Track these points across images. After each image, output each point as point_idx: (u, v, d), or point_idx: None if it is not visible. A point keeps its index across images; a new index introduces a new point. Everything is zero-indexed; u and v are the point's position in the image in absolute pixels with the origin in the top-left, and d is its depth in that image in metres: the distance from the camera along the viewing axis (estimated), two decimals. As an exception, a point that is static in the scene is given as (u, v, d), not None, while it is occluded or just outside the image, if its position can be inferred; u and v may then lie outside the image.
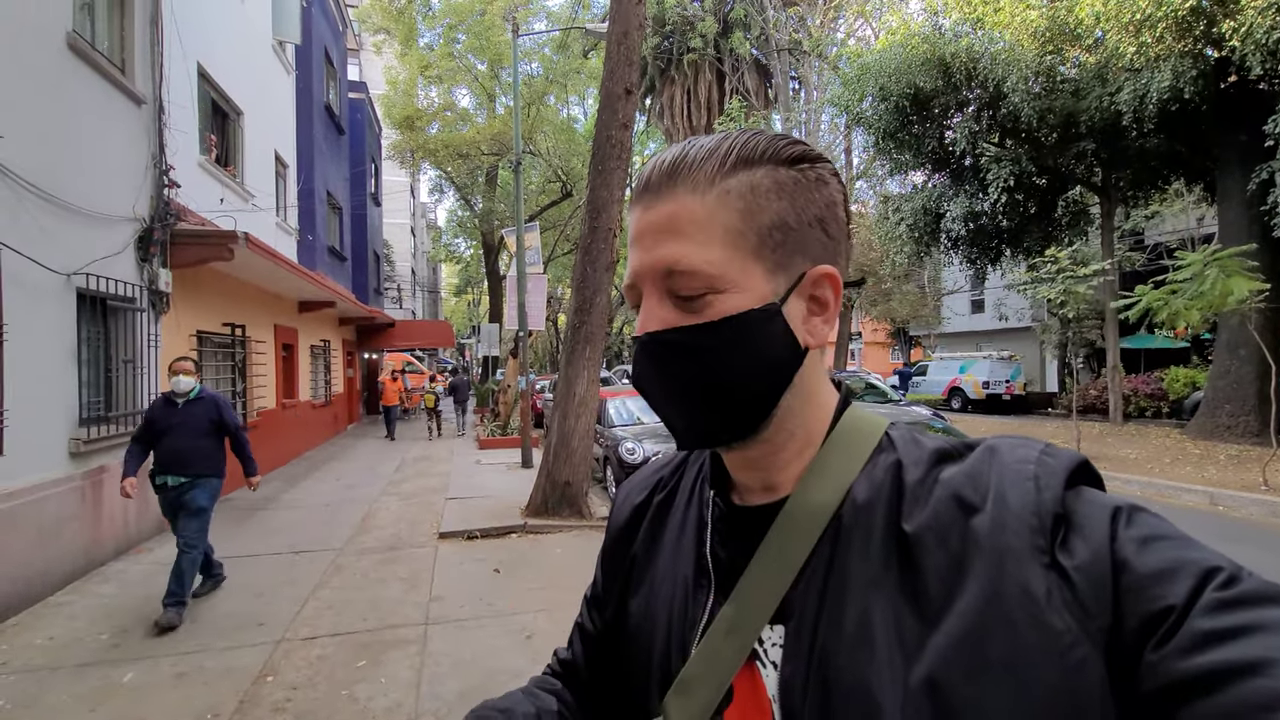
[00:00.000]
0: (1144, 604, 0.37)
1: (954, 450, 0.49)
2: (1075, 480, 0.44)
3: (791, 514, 0.50)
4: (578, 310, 6.50)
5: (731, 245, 0.48)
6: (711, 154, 0.49)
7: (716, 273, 0.48)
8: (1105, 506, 0.42)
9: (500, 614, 4.14)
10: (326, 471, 9.77)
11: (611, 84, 6.36)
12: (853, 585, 0.46)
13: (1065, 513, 0.42)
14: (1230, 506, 6.73)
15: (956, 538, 0.43)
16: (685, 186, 0.49)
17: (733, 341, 0.48)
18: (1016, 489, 0.43)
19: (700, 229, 0.48)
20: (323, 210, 13.48)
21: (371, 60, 25.28)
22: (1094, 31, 9.94)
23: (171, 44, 6.51)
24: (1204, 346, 17.23)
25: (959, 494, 0.45)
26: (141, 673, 3.39)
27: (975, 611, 0.40)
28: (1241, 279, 7.61)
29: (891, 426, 0.54)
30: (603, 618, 0.67)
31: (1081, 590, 0.39)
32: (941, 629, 0.41)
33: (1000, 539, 0.41)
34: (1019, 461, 0.45)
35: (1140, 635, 0.37)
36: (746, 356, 0.48)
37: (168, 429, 4.08)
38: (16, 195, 4.31)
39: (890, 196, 16.30)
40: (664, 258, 0.49)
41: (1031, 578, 0.39)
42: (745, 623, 0.50)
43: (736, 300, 0.48)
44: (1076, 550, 0.40)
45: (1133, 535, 0.40)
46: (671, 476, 0.66)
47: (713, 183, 0.48)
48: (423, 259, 38.86)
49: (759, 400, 0.50)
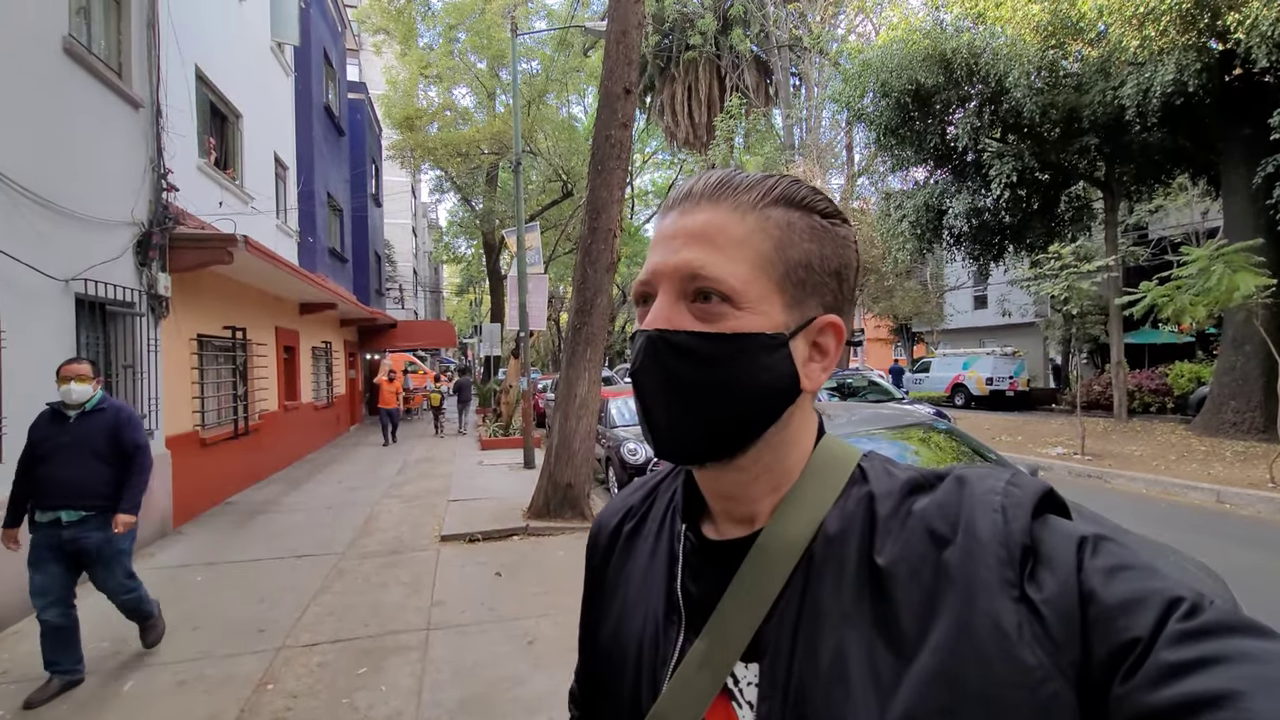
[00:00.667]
0: (1111, 636, 0.38)
1: (925, 481, 0.49)
2: (1041, 509, 0.44)
3: (764, 547, 0.50)
4: (578, 311, 6.47)
5: (759, 269, 0.49)
6: (758, 184, 0.51)
7: (739, 289, 0.49)
8: (1071, 536, 0.42)
9: (502, 619, 4.12)
10: (328, 474, 9.77)
11: (611, 83, 6.32)
12: (826, 620, 0.46)
13: (1033, 544, 0.42)
14: (1237, 504, 6.68)
15: (929, 571, 0.43)
16: (729, 204, 0.50)
17: (738, 358, 0.48)
18: (985, 520, 0.43)
19: (734, 245, 0.49)
20: (323, 212, 13.47)
21: (371, 60, 25.25)
22: (1097, 25, 9.85)
23: (169, 47, 6.48)
24: (1209, 341, 17.17)
25: (930, 526, 0.45)
26: (141, 681, 3.38)
27: (948, 647, 0.40)
28: (1248, 274, 7.55)
29: (864, 457, 0.54)
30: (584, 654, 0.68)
31: (1051, 624, 0.39)
32: (916, 664, 0.41)
33: (970, 571, 0.42)
34: (986, 492, 0.45)
35: (1108, 668, 0.37)
36: (747, 376, 0.49)
37: (54, 450, 3.21)
38: (13, 201, 4.29)
39: (892, 193, 16.23)
40: (690, 261, 0.49)
41: (1003, 612, 0.40)
42: (718, 657, 0.50)
43: (750, 321, 0.49)
44: (1045, 583, 0.40)
45: (1098, 565, 0.40)
46: (642, 504, 0.65)
47: (755, 207, 0.50)
48: (424, 259, 38.88)
49: (747, 424, 0.50)
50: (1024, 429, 13.09)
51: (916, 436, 4.16)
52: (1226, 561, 4.87)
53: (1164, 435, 11.00)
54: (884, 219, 15.50)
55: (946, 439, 4.23)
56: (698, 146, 23.53)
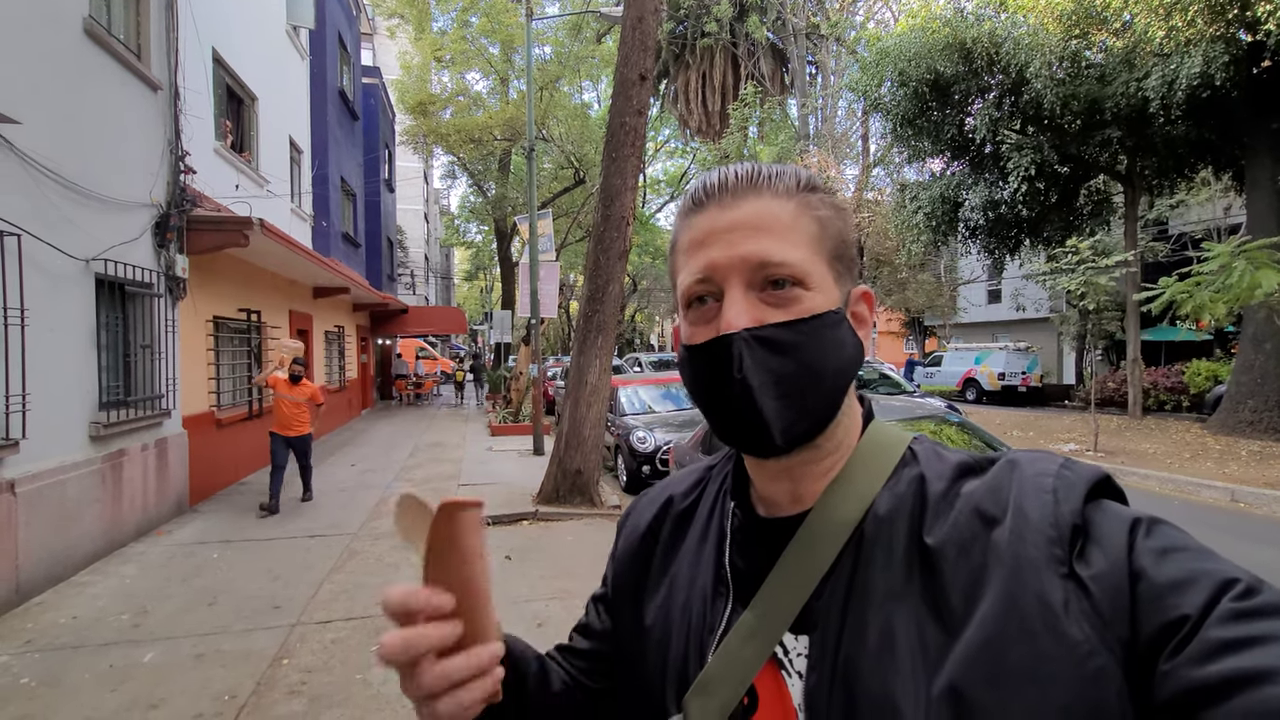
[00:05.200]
0: (1160, 613, 0.38)
1: (976, 464, 0.50)
2: (1096, 494, 0.45)
3: (813, 526, 0.52)
4: (590, 299, 6.48)
5: (812, 249, 0.51)
6: (784, 172, 0.53)
7: (808, 270, 0.50)
8: (1124, 518, 0.42)
9: (512, 601, 4.17)
10: (341, 456, 9.88)
11: (626, 70, 6.28)
12: (875, 597, 0.47)
13: (1084, 524, 0.42)
14: (1252, 504, 6.61)
15: (978, 550, 0.44)
16: (770, 192, 0.52)
17: (822, 338, 0.50)
18: (1035, 501, 0.44)
19: (790, 230, 0.51)
20: (337, 196, 13.52)
21: (385, 45, 25.21)
22: (1122, 15, 9.64)
23: (186, 29, 6.51)
24: (1227, 339, 16.91)
25: (980, 507, 0.46)
26: (161, 653, 3.46)
27: (995, 621, 0.41)
28: (1271, 271, 7.43)
29: (915, 440, 0.55)
30: (611, 618, 0.69)
31: (1098, 600, 0.39)
32: (963, 638, 0.42)
33: (1019, 549, 0.42)
34: (1039, 475, 0.46)
35: (1155, 644, 0.37)
36: (833, 353, 0.51)
37: None
38: (36, 181, 4.34)
39: (907, 184, 16.01)
40: (756, 251, 0.50)
41: (1049, 587, 0.40)
42: (766, 629, 0.51)
43: (820, 299, 0.51)
44: (1094, 560, 0.41)
45: (1151, 546, 0.40)
46: (693, 489, 0.67)
47: (794, 192, 0.52)
48: (435, 245, 38.95)
49: (837, 400, 0.52)
50: (1036, 424, 12.99)
51: (928, 429, 4.15)
52: (1240, 560, 4.82)
53: (1179, 433, 10.89)
54: (899, 210, 15.34)
55: (958, 432, 4.21)
56: (711, 135, 23.35)
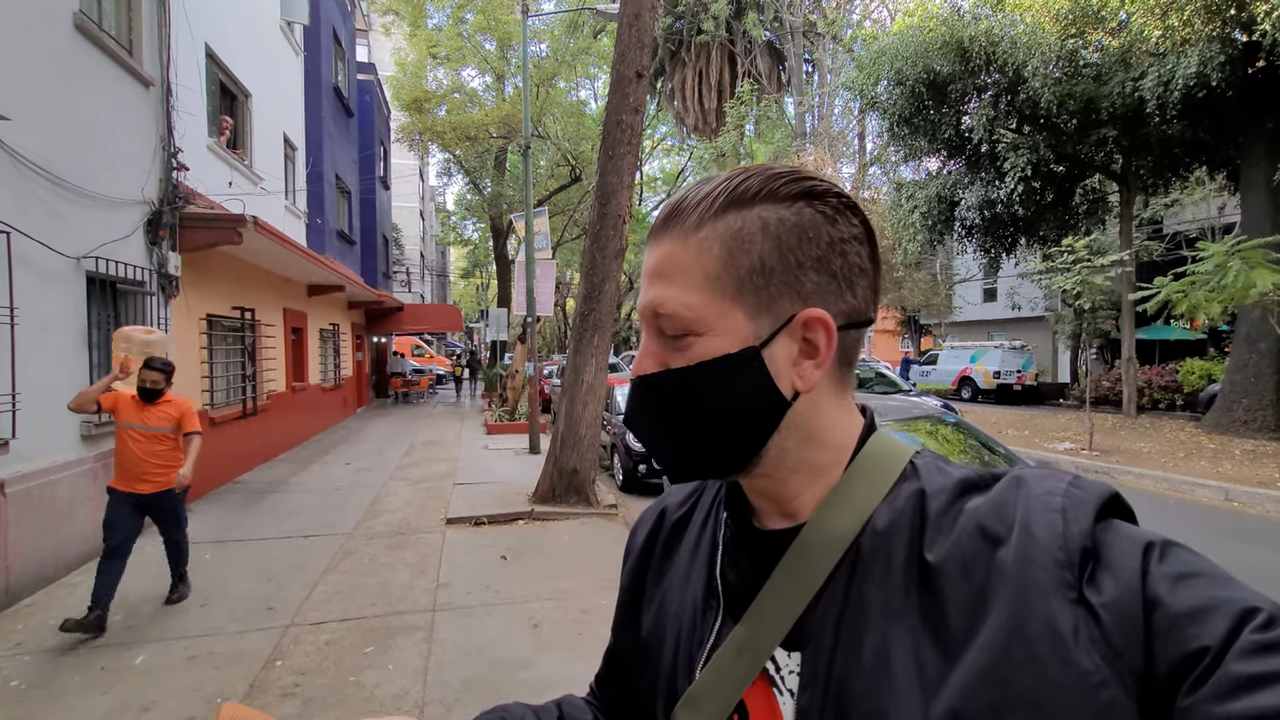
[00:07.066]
0: (1177, 645, 0.36)
1: (980, 480, 0.48)
2: (1105, 513, 0.43)
3: (807, 540, 0.50)
4: (586, 297, 6.45)
5: (710, 289, 0.49)
6: (705, 198, 0.50)
7: (694, 316, 0.49)
8: (1137, 541, 0.40)
9: (507, 601, 4.15)
10: (336, 455, 9.84)
11: (623, 67, 6.25)
12: (871, 614, 0.46)
13: (1094, 546, 0.40)
14: (1245, 503, 6.64)
15: (980, 569, 0.42)
16: (675, 232, 0.51)
17: (708, 384, 0.49)
18: (1043, 521, 0.42)
19: (682, 273, 0.50)
20: (331, 193, 13.44)
21: (380, 42, 25.09)
22: (1119, 14, 9.66)
23: (179, 24, 6.45)
24: (1221, 338, 16.98)
25: (983, 525, 0.44)
26: (153, 655, 3.43)
27: (999, 646, 0.39)
28: (1265, 271, 7.46)
29: (917, 455, 0.53)
30: (620, 639, 0.69)
31: (1110, 628, 0.37)
32: (964, 662, 0.40)
33: (1025, 572, 0.40)
34: (1046, 493, 0.44)
35: (1173, 678, 0.36)
36: (722, 399, 0.49)
37: None
38: (25, 178, 4.29)
39: (904, 183, 16.02)
40: (651, 300, 0.51)
41: (1058, 613, 0.38)
42: (756, 644, 0.50)
43: (715, 344, 0.49)
44: (1105, 586, 0.39)
45: (1166, 571, 0.39)
46: (688, 499, 0.67)
47: (698, 227, 0.50)
48: (431, 243, 38.84)
49: (741, 441, 0.51)
50: (1031, 423, 13.03)
51: (924, 429, 4.14)
52: (1234, 560, 4.85)
53: (1173, 432, 10.94)
54: (895, 209, 15.35)
55: (954, 432, 4.20)
56: (707, 133, 23.33)
